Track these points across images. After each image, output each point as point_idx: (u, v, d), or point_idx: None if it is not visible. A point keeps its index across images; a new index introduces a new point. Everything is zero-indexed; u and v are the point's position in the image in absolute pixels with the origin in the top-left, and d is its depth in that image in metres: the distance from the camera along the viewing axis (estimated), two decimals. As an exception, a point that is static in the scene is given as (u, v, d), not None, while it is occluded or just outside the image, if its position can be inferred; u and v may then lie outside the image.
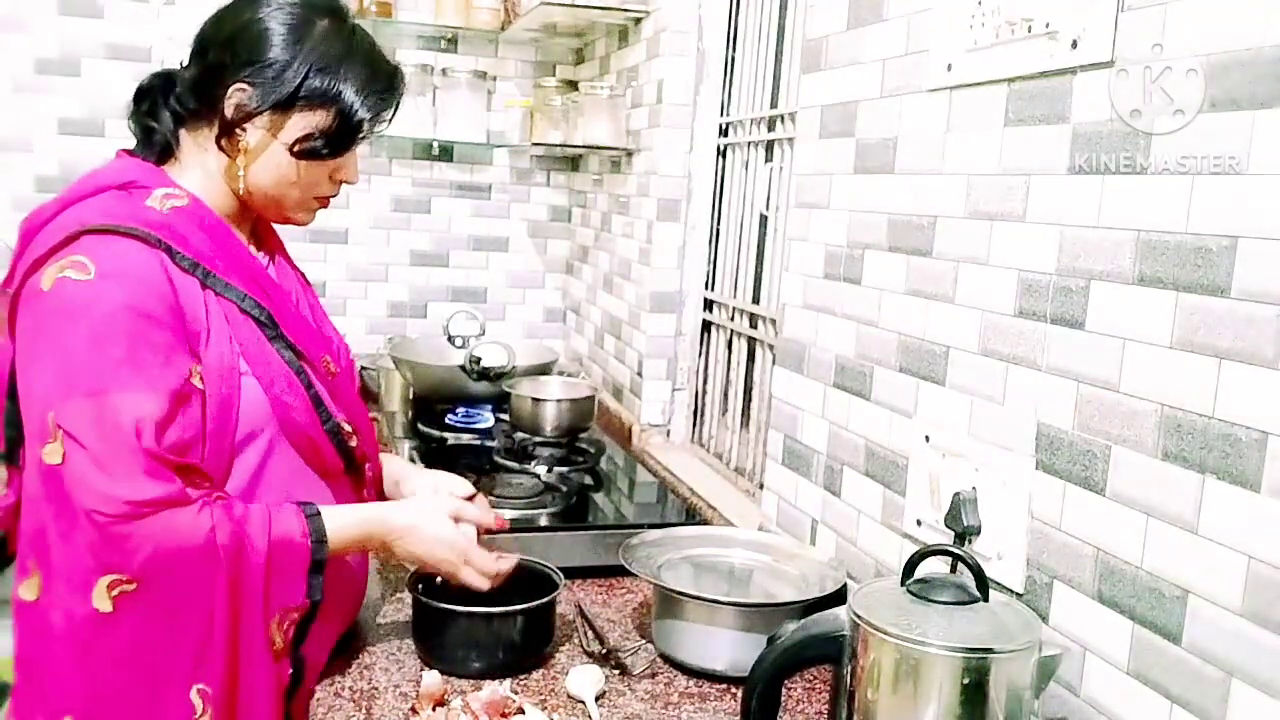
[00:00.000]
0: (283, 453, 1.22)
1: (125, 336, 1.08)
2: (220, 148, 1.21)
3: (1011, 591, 1.13)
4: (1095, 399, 1.03)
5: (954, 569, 1.14)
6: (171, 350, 1.10)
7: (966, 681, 0.93)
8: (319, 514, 1.17)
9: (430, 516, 1.28)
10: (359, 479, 1.34)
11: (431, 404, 2.47)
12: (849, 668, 0.99)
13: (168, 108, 1.23)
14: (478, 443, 2.29)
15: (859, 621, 0.97)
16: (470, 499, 1.37)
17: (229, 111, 1.19)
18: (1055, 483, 1.09)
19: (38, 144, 2.74)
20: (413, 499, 1.36)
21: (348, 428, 1.28)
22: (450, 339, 2.60)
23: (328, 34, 1.21)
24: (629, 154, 2.50)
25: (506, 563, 1.32)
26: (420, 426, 2.37)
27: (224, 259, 1.19)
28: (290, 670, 1.17)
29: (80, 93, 2.75)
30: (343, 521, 1.20)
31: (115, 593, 1.06)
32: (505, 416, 2.26)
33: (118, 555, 1.05)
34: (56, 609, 1.08)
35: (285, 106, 1.19)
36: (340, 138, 1.23)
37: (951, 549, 1.05)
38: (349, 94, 1.21)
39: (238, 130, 1.20)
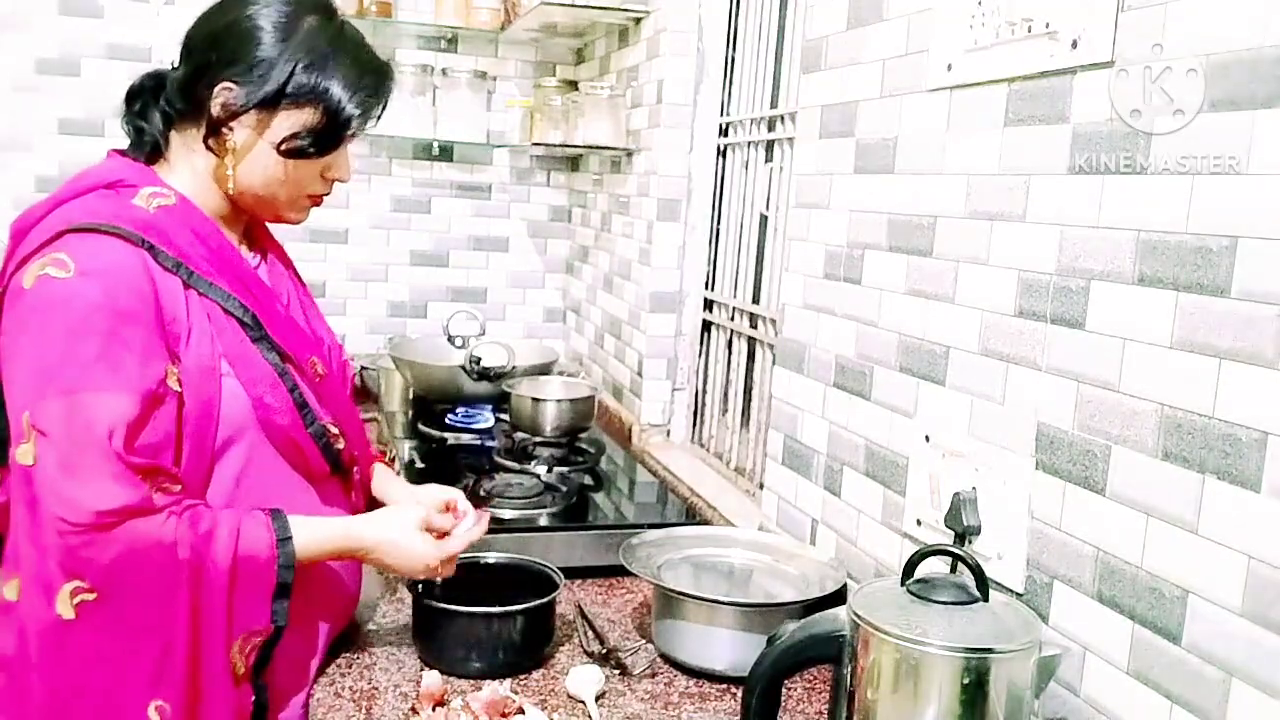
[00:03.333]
0: (266, 455, 1.20)
1: (101, 335, 1.07)
2: (208, 147, 1.20)
3: (1011, 591, 1.13)
4: (1095, 399, 1.03)
5: (954, 569, 1.14)
6: (148, 350, 1.09)
7: (966, 681, 0.92)
8: (290, 539, 1.14)
9: (400, 531, 1.24)
10: (346, 481, 1.33)
11: (431, 404, 2.47)
12: (849, 668, 0.99)
13: (158, 108, 1.22)
14: (478, 443, 2.29)
15: (859, 621, 0.97)
16: (450, 509, 1.36)
17: (215, 110, 1.18)
18: (1055, 483, 1.09)
19: (38, 144, 2.74)
20: (383, 510, 1.32)
21: (334, 430, 1.27)
22: (450, 339, 2.59)
23: (315, 31, 1.20)
24: (629, 154, 2.50)
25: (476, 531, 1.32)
26: (420, 426, 2.37)
27: (210, 259, 1.18)
28: (252, 697, 1.14)
29: (80, 93, 2.75)
30: (312, 537, 1.17)
31: (77, 600, 1.05)
32: (505, 416, 2.26)
33: (80, 563, 1.04)
34: (27, 611, 1.07)
35: (271, 104, 1.17)
36: (328, 136, 1.21)
37: (951, 549, 1.05)
38: (336, 90, 1.19)
39: (224, 129, 1.19)
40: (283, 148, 1.20)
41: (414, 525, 1.26)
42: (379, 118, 1.26)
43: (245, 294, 1.20)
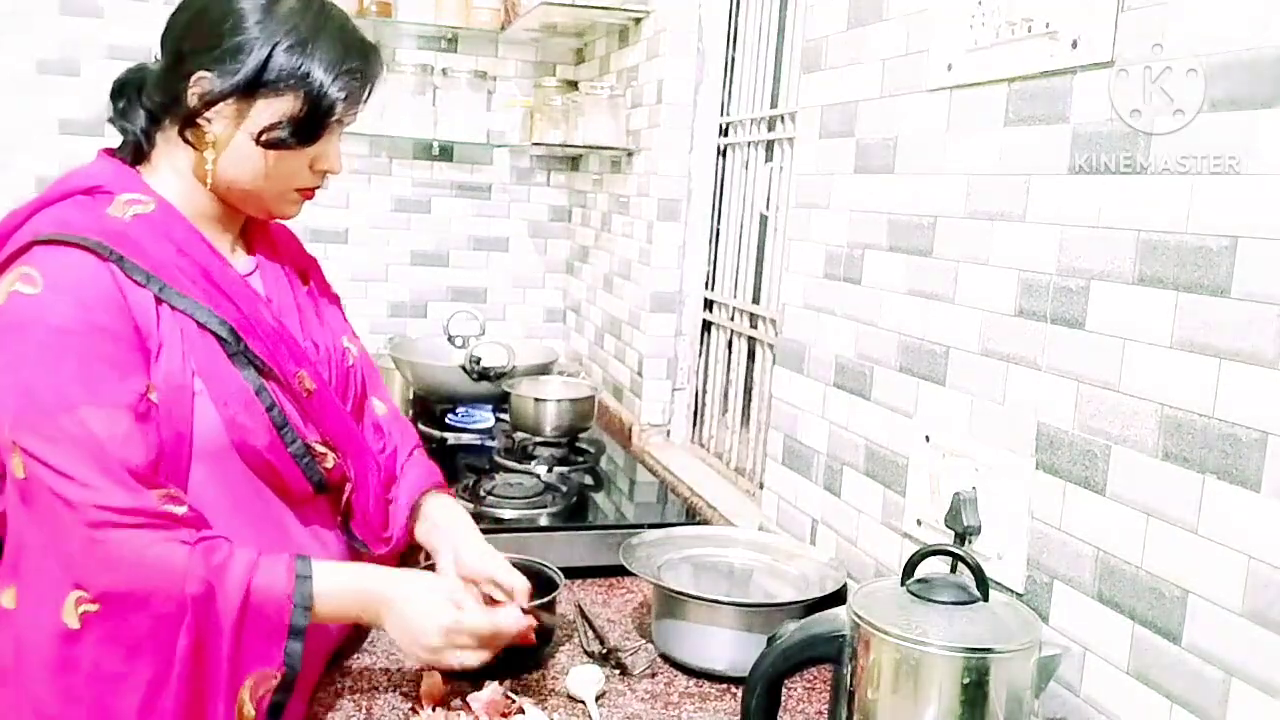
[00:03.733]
0: (240, 476, 1.16)
1: (77, 352, 1.03)
2: (185, 140, 1.15)
3: (1011, 591, 1.13)
4: (1095, 399, 1.03)
5: (954, 569, 1.14)
6: (126, 364, 1.06)
7: (966, 681, 0.92)
8: (309, 576, 1.09)
9: (420, 601, 1.14)
10: (335, 500, 1.27)
11: (431, 404, 2.47)
12: (849, 668, 0.99)
13: (141, 105, 1.18)
14: (478, 443, 2.29)
15: (859, 621, 0.97)
16: (503, 595, 1.23)
17: (192, 101, 1.12)
18: (1055, 483, 1.08)
19: (38, 144, 2.74)
20: (415, 574, 1.23)
21: (320, 449, 1.21)
22: (450, 339, 2.60)
23: (294, 12, 1.14)
24: (629, 154, 2.50)
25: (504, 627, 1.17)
26: (420, 426, 2.37)
27: (187, 270, 1.13)
28: None
29: (80, 93, 2.75)
30: (333, 583, 1.12)
31: (81, 610, 1.03)
32: (505, 416, 2.26)
33: (86, 571, 1.02)
34: (29, 620, 1.05)
35: (248, 91, 1.12)
36: (310, 124, 1.14)
37: (951, 549, 1.05)
38: (318, 73, 1.13)
39: (200, 121, 1.13)
40: (262, 138, 1.13)
41: (444, 594, 1.16)
42: (365, 102, 1.19)
43: (225, 306, 1.15)
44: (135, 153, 1.19)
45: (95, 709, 1.05)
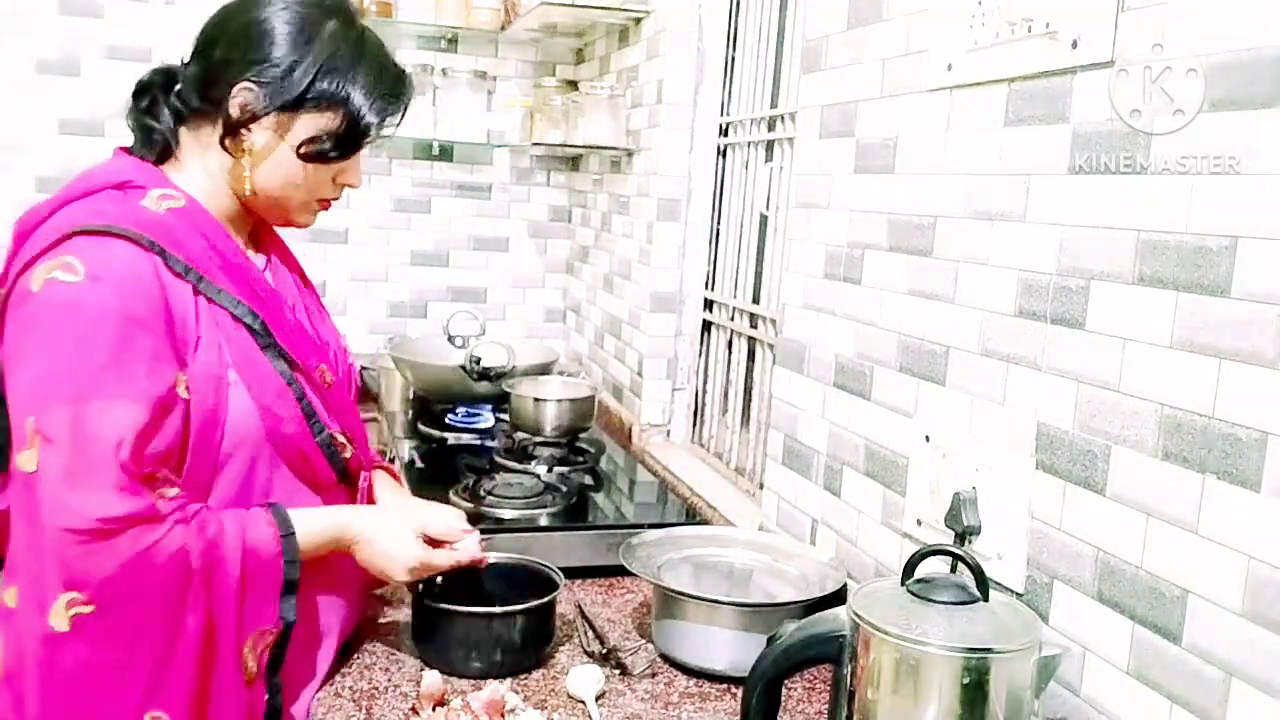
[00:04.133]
0: (272, 465, 1.19)
1: (111, 342, 1.05)
2: (224, 148, 1.19)
3: (1011, 591, 1.13)
4: (1095, 399, 1.03)
5: (954, 569, 1.14)
6: (157, 357, 1.08)
7: (966, 681, 0.92)
8: (293, 533, 1.15)
9: (390, 528, 1.25)
10: (353, 489, 1.32)
11: (431, 404, 2.47)
12: (849, 668, 0.99)
13: (168, 105, 1.21)
14: (478, 443, 2.29)
15: (859, 621, 0.97)
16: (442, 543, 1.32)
17: (234, 111, 1.17)
18: (1055, 483, 1.09)
19: (38, 144, 2.74)
20: (381, 507, 1.34)
21: (341, 439, 1.26)
22: (450, 339, 2.60)
23: (336, 35, 1.19)
24: (629, 154, 2.50)
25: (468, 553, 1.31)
26: (420, 426, 2.37)
27: (219, 263, 1.17)
28: (266, 696, 1.14)
29: (80, 93, 2.75)
30: (309, 528, 1.18)
31: (72, 613, 1.03)
32: (505, 416, 2.26)
33: (79, 574, 1.02)
34: (22, 621, 1.06)
35: (292, 108, 1.17)
36: (347, 140, 1.21)
37: (951, 549, 1.05)
38: (357, 96, 1.19)
39: (242, 131, 1.18)
40: (302, 150, 1.19)
41: (408, 526, 1.27)
42: (398, 126, 1.27)
43: (254, 300, 1.19)
44: (162, 151, 1.22)
45: (99, 701, 1.06)
